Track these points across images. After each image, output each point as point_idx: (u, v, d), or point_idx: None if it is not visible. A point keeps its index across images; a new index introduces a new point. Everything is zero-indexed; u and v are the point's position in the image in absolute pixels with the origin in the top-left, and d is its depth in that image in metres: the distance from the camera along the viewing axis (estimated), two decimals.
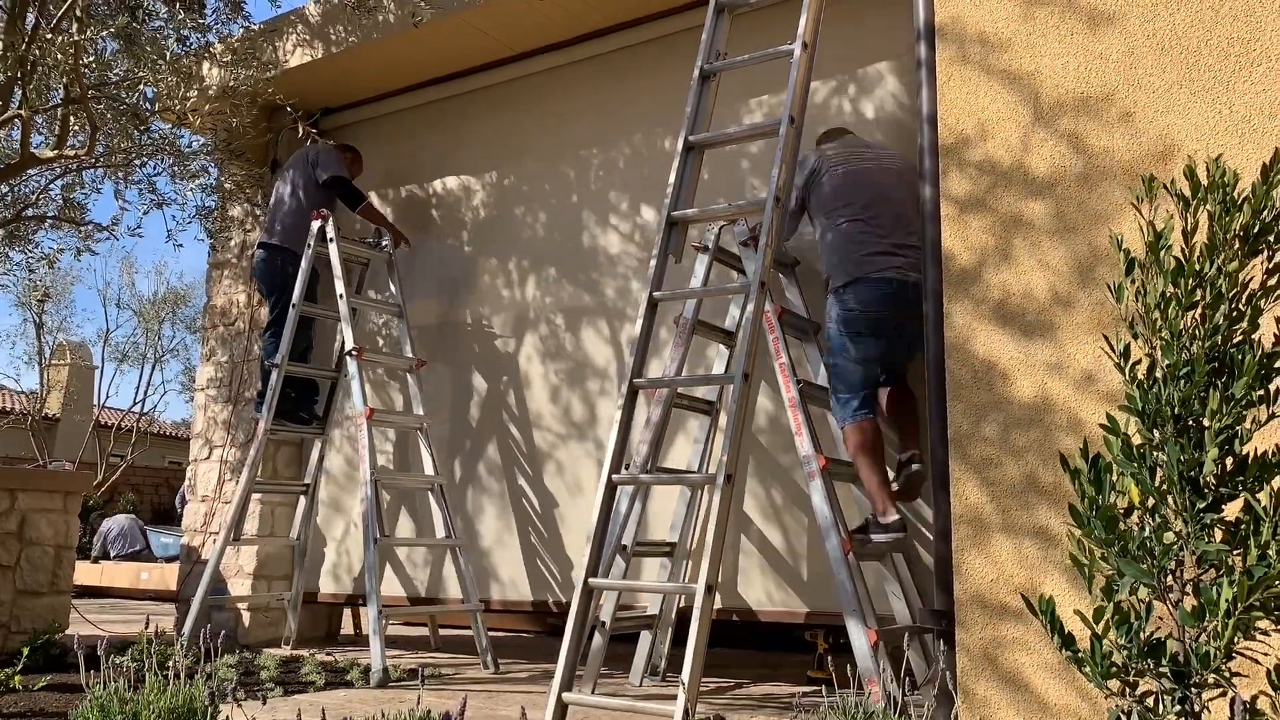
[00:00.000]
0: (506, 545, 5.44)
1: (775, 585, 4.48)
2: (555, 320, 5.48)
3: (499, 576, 5.43)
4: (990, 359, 3.14)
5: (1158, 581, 1.79)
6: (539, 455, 5.42)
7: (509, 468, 5.53)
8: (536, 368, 5.52)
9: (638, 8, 5.22)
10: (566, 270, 5.48)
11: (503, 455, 5.57)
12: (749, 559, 4.55)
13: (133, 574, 10.85)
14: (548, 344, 5.49)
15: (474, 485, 5.64)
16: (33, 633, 5.10)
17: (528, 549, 5.36)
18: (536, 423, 5.46)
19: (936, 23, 3.46)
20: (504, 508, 5.49)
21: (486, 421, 5.67)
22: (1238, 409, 1.78)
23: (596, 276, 5.36)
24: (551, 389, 5.44)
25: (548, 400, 5.44)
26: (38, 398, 19.57)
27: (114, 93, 5.09)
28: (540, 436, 5.43)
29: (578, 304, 5.41)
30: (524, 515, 5.41)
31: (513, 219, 5.77)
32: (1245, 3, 2.93)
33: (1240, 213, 1.90)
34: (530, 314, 5.59)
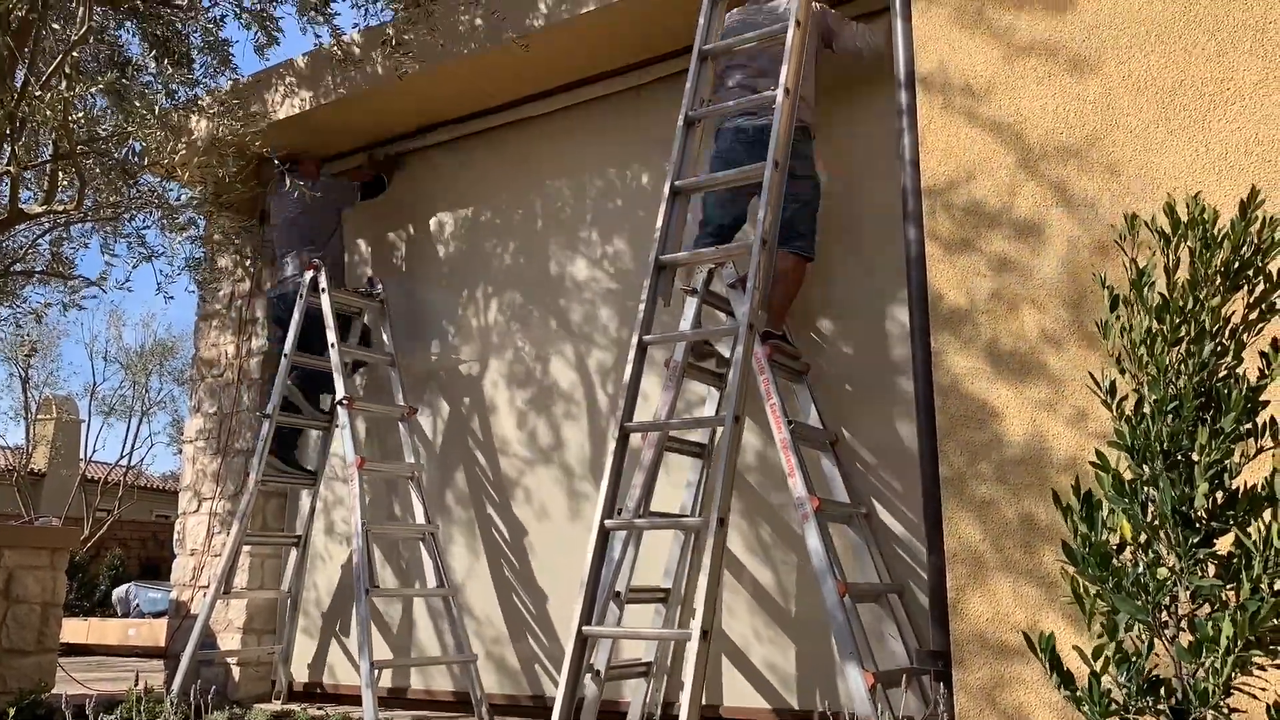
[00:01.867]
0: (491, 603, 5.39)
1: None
2: (536, 362, 5.49)
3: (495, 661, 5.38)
4: (982, 398, 3.16)
5: (1153, 618, 1.79)
6: (511, 489, 5.39)
7: (493, 514, 5.50)
8: (512, 404, 5.51)
9: (620, 57, 5.29)
10: (549, 310, 5.49)
11: (486, 504, 5.54)
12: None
13: (120, 630, 10.70)
14: (519, 376, 5.49)
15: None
16: (19, 693, 5.02)
17: (511, 610, 5.31)
18: (504, 450, 5.44)
19: (918, 69, 3.52)
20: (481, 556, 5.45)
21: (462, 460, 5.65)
22: (1226, 443, 1.79)
23: (575, 314, 5.37)
24: (538, 432, 5.43)
25: (523, 435, 5.43)
26: (24, 453, 19.41)
27: (103, 148, 5.12)
28: (515, 469, 5.41)
29: (554, 342, 5.42)
30: (496, 549, 5.38)
31: (503, 262, 5.79)
32: (1218, 44, 2.99)
33: (1220, 249, 1.93)
34: (511, 355, 5.59)
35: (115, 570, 14.73)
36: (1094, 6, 3.22)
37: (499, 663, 5.29)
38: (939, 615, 3.23)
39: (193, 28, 5.34)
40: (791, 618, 4.42)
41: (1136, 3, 3.15)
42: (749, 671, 4.48)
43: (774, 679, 4.39)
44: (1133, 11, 3.15)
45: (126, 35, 5.65)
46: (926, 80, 3.49)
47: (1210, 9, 3.02)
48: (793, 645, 4.39)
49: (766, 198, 3.66)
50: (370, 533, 5.16)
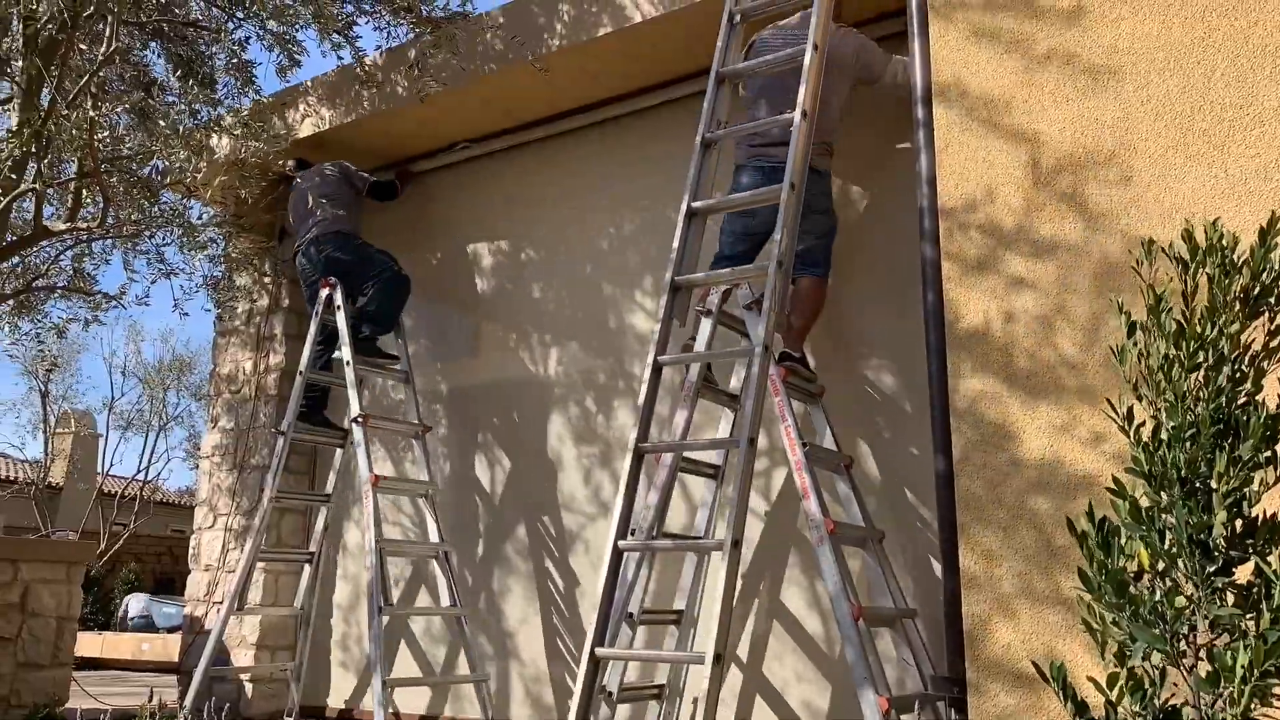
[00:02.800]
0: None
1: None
2: (573, 387, 5.50)
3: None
4: (999, 421, 3.15)
5: (1171, 646, 1.78)
6: (562, 529, 5.39)
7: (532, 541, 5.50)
8: (530, 419, 5.52)
9: (640, 77, 5.32)
10: (569, 329, 5.51)
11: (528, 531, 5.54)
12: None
13: (134, 645, 10.74)
14: (540, 398, 5.50)
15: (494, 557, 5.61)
16: (33, 706, 5.04)
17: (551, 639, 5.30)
18: (526, 467, 5.44)
19: (935, 89, 3.53)
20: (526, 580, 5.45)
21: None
22: (1245, 471, 1.78)
23: (599, 338, 5.38)
24: (571, 460, 5.43)
25: (567, 475, 5.43)
26: (41, 466, 19.55)
27: (126, 166, 5.18)
28: (536, 489, 5.41)
29: (589, 367, 5.43)
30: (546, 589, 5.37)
31: (520, 281, 5.81)
32: (1237, 69, 2.99)
33: (1240, 275, 1.92)
34: (550, 381, 5.60)
35: (130, 585, 14.78)
36: (1112, 29, 3.22)
37: (513, 683, 5.27)
38: (955, 641, 3.20)
39: (217, 49, 5.41)
40: (806, 641, 4.39)
41: (1155, 26, 3.15)
42: (766, 694, 4.45)
43: (792, 702, 4.36)
44: (1151, 35, 3.15)
45: (152, 56, 5.73)
46: (943, 100, 3.49)
47: (1229, 34, 3.02)
48: (808, 669, 4.36)
49: (783, 220, 3.67)
50: (384, 550, 5.17)
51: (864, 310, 4.52)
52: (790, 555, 4.51)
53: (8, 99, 5.16)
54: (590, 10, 5.04)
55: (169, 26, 5.40)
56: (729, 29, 4.19)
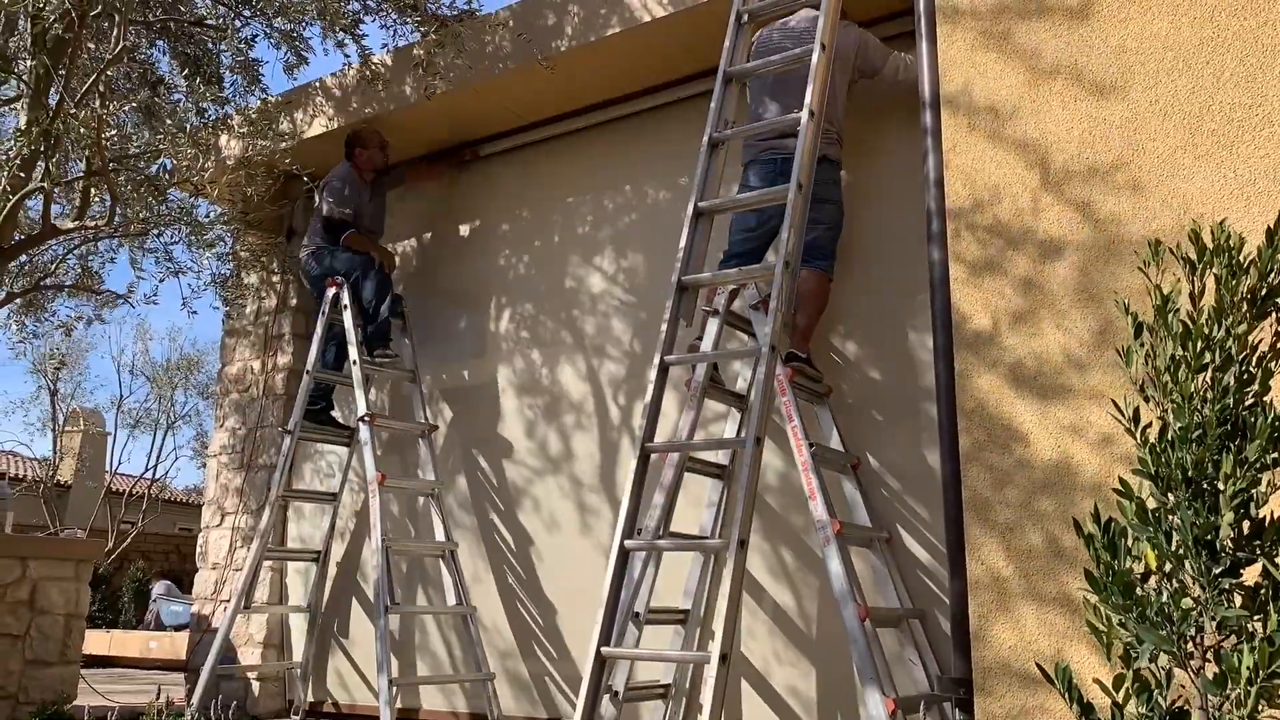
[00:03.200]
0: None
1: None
2: (580, 386, 5.50)
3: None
4: (1006, 421, 3.14)
5: (1178, 648, 1.77)
6: (528, 505, 5.39)
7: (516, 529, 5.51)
8: (529, 418, 5.52)
9: (647, 77, 5.32)
10: (571, 330, 5.51)
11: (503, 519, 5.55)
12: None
13: (141, 643, 10.77)
14: (536, 390, 5.50)
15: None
16: (41, 704, 5.06)
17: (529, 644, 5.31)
18: (518, 464, 5.44)
19: (943, 91, 3.52)
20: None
21: None
22: (1252, 472, 1.77)
23: (603, 339, 5.38)
24: (579, 459, 5.43)
25: (547, 455, 5.43)
26: (50, 465, 19.62)
27: (134, 164, 5.19)
28: (537, 488, 5.42)
29: (597, 366, 5.43)
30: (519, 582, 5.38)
31: (526, 281, 5.81)
32: (1246, 69, 2.97)
33: (1247, 276, 1.91)
34: (556, 379, 5.61)
35: (138, 583, 14.82)
36: (1120, 30, 3.21)
37: (517, 682, 5.28)
38: (961, 641, 3.19)
39: (223, 48, 5.42)
40: (812, 641, 4.39)
41: (1164, 27, 3.13)
42: (769, 695, 4.45)
43: (794, 703, 4.36)
44: (1160, 36, 3.13)
45: (159, 55, 5.75)
46: (951, 102, 3.48)
47: (1239, 33, 3.00)
48: (813, 669, 4.36)
49: (790, 220, 3.66)
50: (390, 549, 5.18)
51: (871, 311, 4.52)
52: (796, 555, 4.51)
53: (16, 98, 5.18)
54: (598, 10, 5.04)
55: (176, 25, 5.41)
56: (736, 29, 4.19)
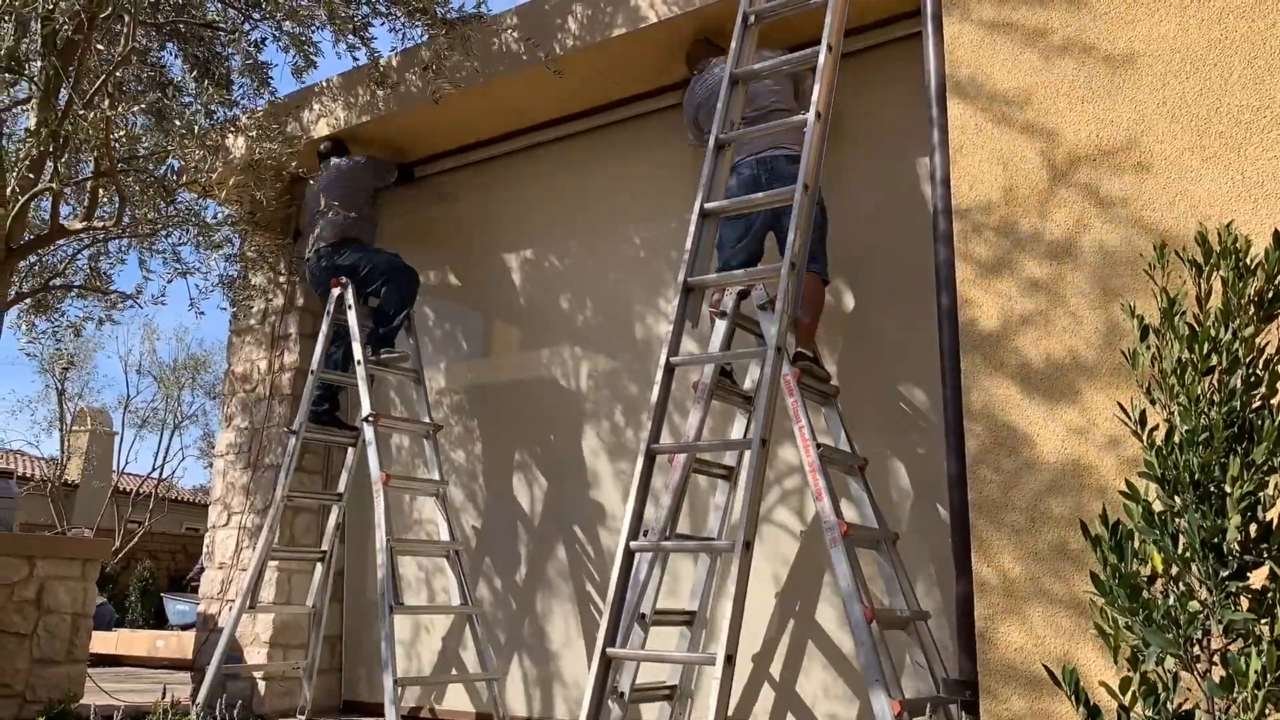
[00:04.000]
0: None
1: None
2: (587, 386, 5.51)
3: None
4: (1013, 423, 3.14)
5: (1184, 651, 1.77)
6: (543, 506, 5.40)
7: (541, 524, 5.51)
8: (544, 422, 5.53)
9: (654, 79, 5.32)
10: (585, 329, 5.52)
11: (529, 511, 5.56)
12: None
13: (148, 642, 10.79)
14: (550, 393, 5.50)
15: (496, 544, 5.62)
16: (48, 702, 5.07)
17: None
18: (537, 467, 5.45)
19: (949, 90, 3.51)
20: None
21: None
22: (1259, 475, 1.77)
23: (616, 338, 5.39)
24: (585, 460, 5.44)
25: (561, 454, 5.44)
26: (58, 464, 19.68)
27: (142, 166, 5.21)
28: (552, 486, 5.42)
29: (602, 366, 5.43)
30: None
31: (533, 280, 5.82)
32: (1254, 72, 2.97)
33: (1254, 278, 1.91)
34: (563, 380, 5.61)
35: (145, 582, 14.85)
36: (1128, 31, 3.20)
37: (524, 682, 5.29)
38: (967, 643, 3.19)
39: (233, 50, 5.44)
40: (819, 642, 4.39)
41: (1172, 29, 3.13)
42: (776, 695, 4.44)
43: (801, 703, 4.36)
44: (1168, 38, 3.13)
45: (168, 57, 5.77)
46: (958, 101, 3.48)
47: (1247, 36, 3.00)
48: (820, 670, 4.35)
49: (796, 221, 3.66)
50: (395, 549, 5.18)
51: (878, 311, 4.52)
52: (803, 557, 4.51)
53: (26, 99, 5.20)
54: (605, 11, 5.05)
55: (186, 27, 5.43)
56: (743, 30, 4.19)
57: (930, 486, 4.21)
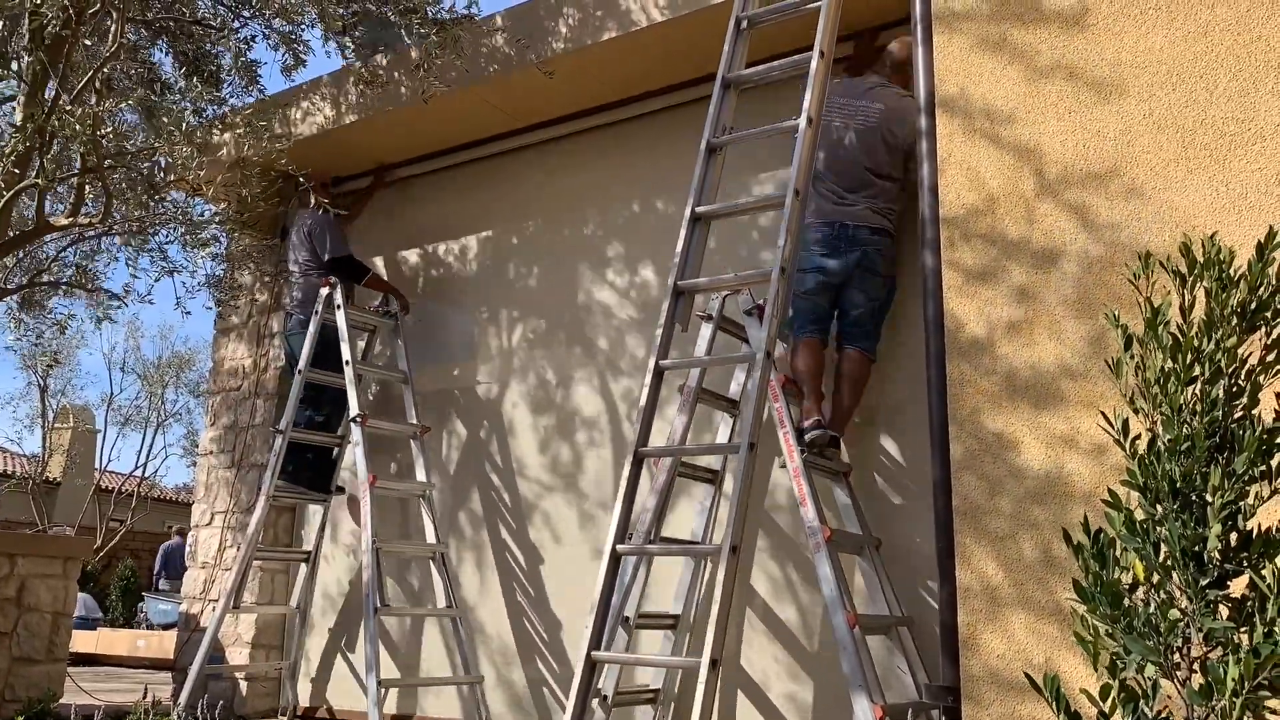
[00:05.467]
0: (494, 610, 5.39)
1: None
2: (554, 383, 5.51)
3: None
4: (999, 429, 3.15)
5: (1165, 659, 1.78)
6: (526, 511, 5.39)
7: (499, 528, 5.50)
8: (529, 426, 5.52)
9: (643, 82, 5.33)
10: (568, 334, 5.52)
11: (492, 514, 5.55)
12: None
13: (129, 641, 10.73)
14: (539, 401, 5.50)
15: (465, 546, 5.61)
16: (28, 701, 5.04)
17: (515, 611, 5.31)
18: (519, 471, 5.45)
19: (938, 97, 3.53)
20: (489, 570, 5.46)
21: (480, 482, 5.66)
22: (1240, 484, 1.78)
23: (599, 337, 5.39)
24: (553, 453, 5.44)
25: (542, 459, 5.44)
26: (39, 461, 19.55)
27: (130, 163, 5.19)
28: (530, 492, 5.42)
29: (592, 370, 5.43)
30: (509, 574, 5.38)
31: (523, 285, 5.82)
32: (1239, 84, 3.00)
33: (1237, 289, 1.93)
34: (553, 384, 5.61)
35: (126, 581, 14.77)
36: (1115, 43, 3.23)
37: (508, 686, 5.28)
38: (950, 649, 3.20)
39: (223, 48, 5.42)
40: (803, 647, 4.40)
41: (1158, 41, 3.16)
42: (759, 700, 4.45)
43: (786, 709, 4.36)
44: (1154, 50, 3.16)
45: (157, 54, 5.74)
46: (947, 108, 3.50)
47: (1232, 49, 3.03)
48: (804, 676, 4.36)
49: (786, 225, 3.68)
50: (380, 551, 5.17)
51: None
52: (785, 561, 4.52)
53: (12, 94, 5.18)
54: (595, 14, 5.06)
55: (175, 24, 5.41)
56: (735, 34, 4.21)
57: (914, 493, 4.22)
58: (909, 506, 4.24)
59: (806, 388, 4.09)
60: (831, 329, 4.28)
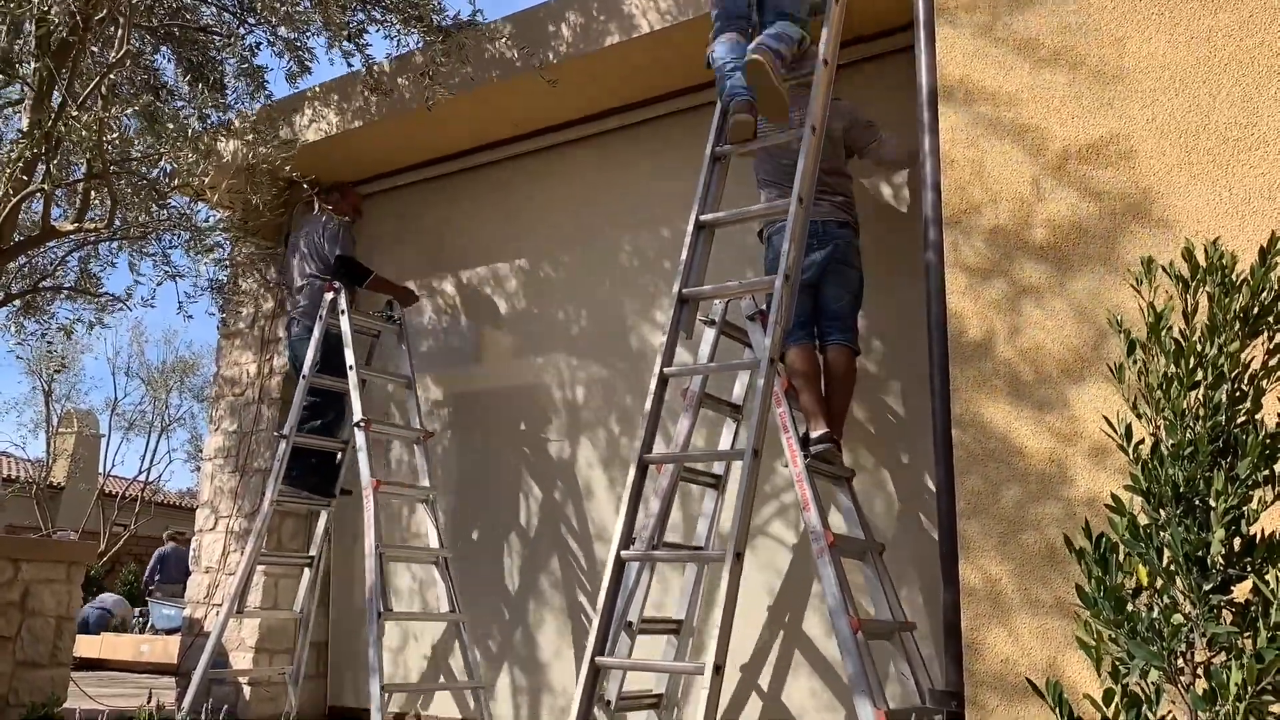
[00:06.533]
0: None
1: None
2: (579, 394, 5.51)
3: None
4: (1002, 432, 3.15)
5: (1168, 664, 1.78)
6: (533, 515, 5.40)
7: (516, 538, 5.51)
8: (539, 432, 5.53)
9: (649, 88, 5.34)
10: (584, 340, 5.52)
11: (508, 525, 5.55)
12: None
13: (133, 646, 10.73)
14: (542, 402, 5.51)
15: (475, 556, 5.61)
16: (31, 706, 5.04)
17: None
18: (526, 476, 5.45)
19: (940, 97, 3.53)
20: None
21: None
22: (1243, 489, 1.79)
23: (605, 340, 5.40)
24: (572, 468, 5.44)
25: (562, 470, 5.44)
26: (43, 466, 19.57)
27: (135, 168, 5.20)
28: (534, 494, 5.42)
29: (593, 375, 5.44)
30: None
31: (526, 289, 5.83)
32: (1242, 89, 3.00)
33: (1240, 294, 1.93)
34: (554, 388, 5.62)
35: (130, 586, 14.78)
36: (1118, 48, 3.24)
37: (512, 691, 5.28)
38: (953, 654, 3.20)
39: (227, 54, 5.44)
40: (805, 652, 4.39)
41: (1161, 46, 3.16)
42: (762, 704, 4.45)
43: (787, 712, 4.36)
44: (1157, 55, 3.16)
45: (162, 60, 5.76)
46: (948, 113, 3.50)
47: (1235, 54, 3.03)
48: (806, 680, 4.36)
49: (790, 232, 3.68)
50: (384, 555, 5.17)
51: (866, 319, 4.53)
52: (790, 566, 4.52)
53: (19, 100, 5.19)
54: (599, 20, 5.07)
55: (180, 31, 5.43)
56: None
57: (916, 497, 4.22)
58: (911, 512, 4.24)
59: (807, 395, 4.09)
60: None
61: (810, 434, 4.01)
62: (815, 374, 4.14)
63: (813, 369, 4.15)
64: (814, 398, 4.08)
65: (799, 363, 4.14)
